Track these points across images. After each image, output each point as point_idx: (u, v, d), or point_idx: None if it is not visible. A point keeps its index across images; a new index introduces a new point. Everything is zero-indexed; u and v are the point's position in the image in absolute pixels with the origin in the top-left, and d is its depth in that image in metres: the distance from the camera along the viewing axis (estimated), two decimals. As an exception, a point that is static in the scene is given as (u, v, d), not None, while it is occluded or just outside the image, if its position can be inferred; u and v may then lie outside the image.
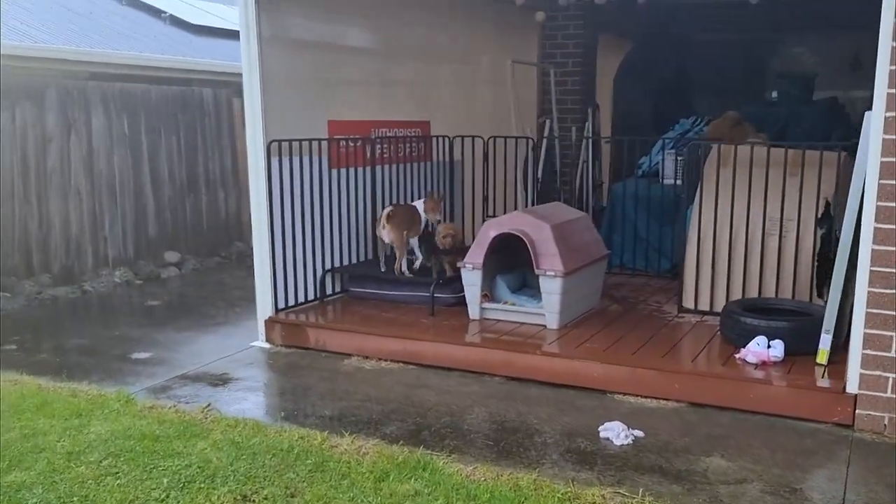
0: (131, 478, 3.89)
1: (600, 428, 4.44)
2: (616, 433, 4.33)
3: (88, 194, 8.82)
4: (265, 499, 3.66)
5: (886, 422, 4.27)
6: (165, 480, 3.84)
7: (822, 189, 5.57)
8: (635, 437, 4.33)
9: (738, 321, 5.11)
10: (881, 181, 4.18)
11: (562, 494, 3.67)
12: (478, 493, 3.69)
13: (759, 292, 5.79)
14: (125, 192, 9.20)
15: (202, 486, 3.79)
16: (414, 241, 6.63)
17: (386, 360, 5.71)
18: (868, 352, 4.27)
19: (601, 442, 4.32)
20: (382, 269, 6.70)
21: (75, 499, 3.67)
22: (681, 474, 3.90)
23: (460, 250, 6.32)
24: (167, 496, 3.70)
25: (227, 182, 10.49)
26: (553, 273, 5.60)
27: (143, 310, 7.84)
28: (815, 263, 5.61)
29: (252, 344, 6.29)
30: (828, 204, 5.59)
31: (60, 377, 5.50)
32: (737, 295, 5.82)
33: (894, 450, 4.13)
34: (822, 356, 4.69)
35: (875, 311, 4.24)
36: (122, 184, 9.16)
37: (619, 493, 3.70)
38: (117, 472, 3.95)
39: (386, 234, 6.58)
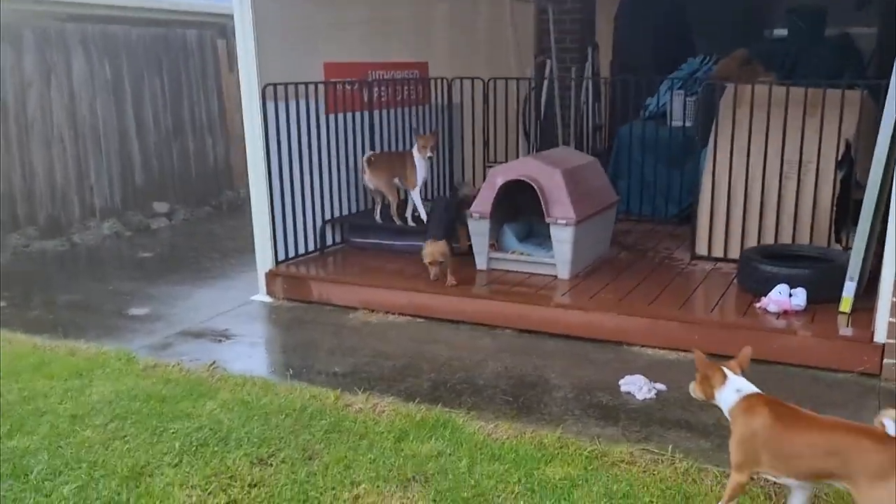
0: (140, 441, 3.73)
1: (621, 382, 4.32)
2: (638, 387, 4.21)
3: (72, 142, 8.48)
4: (283, 462, 3.52)
5: (916, 371, 4.18)
6: (177, 444, 3.69)
7: (842, 130, 5.39)
8: (658, 391, 4.22)
9: (758, 269, 4.97)
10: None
11: (588, 453, 3.55)
12: (502, 452, 3.57)
13: (775, 238, 5.65)
14: (109, 139, 8.87)
15: (216, 449, 3.64)
16: (415, 194, 6.36)
17: (393, 314, 5.55)
18: (898, 300, 4.15)
19: (623, 396, 4.20)
20: (378, 220, 6.49)
21: (83, 465, 3.51)
22: (708, 429, 3.80)
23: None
24: (180, 461, 3.55)
25: (214, 128, 10.15)
26: (564, 221, 5.42)
27: (135, 262, 7.61)
28: (834, 208, 5.46)
29: (252, 298, 6.10)
30: (848, 145, 5.41)
31: (56, 335, 5.31)
32: (752, 241, 5.68)
33: (923, 400, 4.05)
34: (846, 304, 4.57)
35: (906, 257, 4.10)
36: (105, 130, 8.82)
37: (647, 450, 3.59)
38: (125, 436, 3.80)
39: (368, 179, 6.36)
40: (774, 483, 3.27)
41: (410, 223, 6.38)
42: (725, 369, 3.02)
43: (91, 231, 8.54)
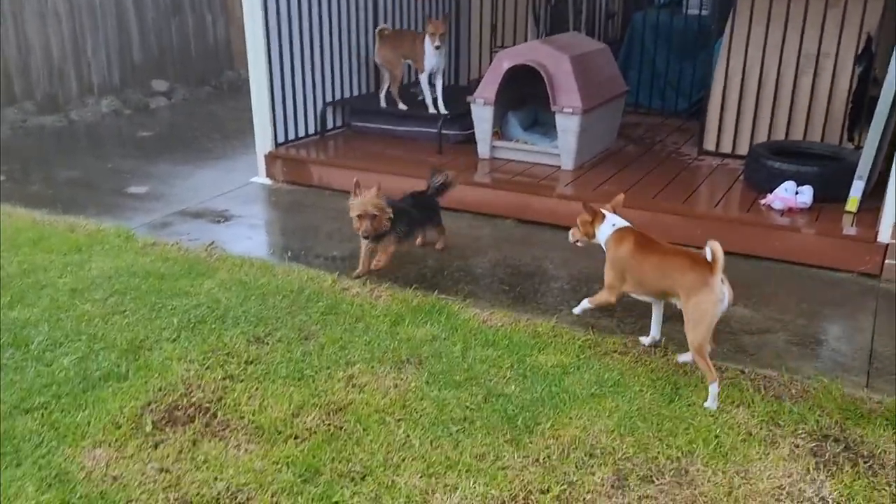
0: (139, 316, 3.77)
1: (619, 273, 4.30)
2: (636, 279, 4.20)
3: (67, 16, 8.21)
4: (279, 341, 3.55)
5: (916, 272, 4.16)
6: (175, 320, 3.72)
7: (864, 22, 5.16)
8: (656, 283, 4.21)
9: (765, 165, 4.87)
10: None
11: (582, 342, 3.58)
12: (496, 339, 3.60)
13: (787, 134, 5.52)
14: (106, 13, 8.58)
15: (213, 326, 3.67)
16: (423, 78, 6.17)
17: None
18: (906, 200, 4.09)
19: (620, 288, 4.20)
20: (382, 105, 6.34)
21: (83, 337, 3.55)
22: (703, 322, 3.80)
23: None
24: (178, 336, 3.59)
25: (213, 4, 9.80)
26: (571, 110, 5.28)
27: (135, 141, 7.51)
28: (850, 104, 5.30)
29: (252, 180, 6.04)
30: (869, 39, 5.20)
31: (55, 210, 5.29)
32: (762, 137, 5.55)
33: (921, 301, 4.05)
34: (853, 204, 4.50)
35: (919, 157, 4.01)
36: (102, 5, 8.52)
37: (640, 340, 3.61)
38: (124, 311, 3.83)
39: (377, 53, 6.18)
40: (764, 376, 3.31)
41: (431, 110, 6.14)
42: (604, 210, 3.60)
43: (89, 108, 8.39)
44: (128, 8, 8.78)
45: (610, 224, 3.56)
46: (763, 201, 4.76)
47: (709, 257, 3.17)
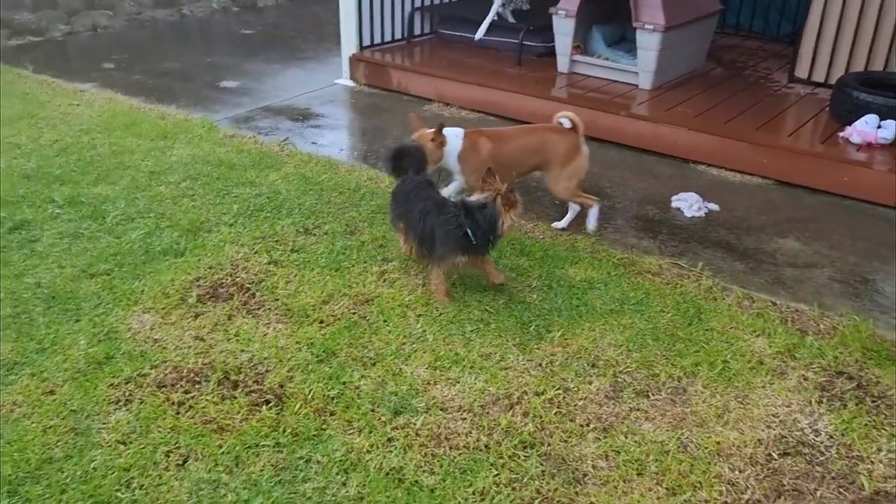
0: (205, 201, 4.05)
1: (674, 197, 4.27)
2: (689, 204, 4.15)
3: None
4: (325, 233, 3.76)
5: None
6: (235, 207, 3.99)
7: None
8: (709, 209, 4.15)
9: (850, 95, 4.61)
10: None
11: (616, 260, 3.61)
12: (532, 249, 3.68)
13: (886, 66, 5.17)
14: None
15: (268, 215, 3.92)
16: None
17: (466, 109, 5.56)
18: None
19: (671, 212, 4.17)
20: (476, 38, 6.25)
21: (152, 215, 3.88)
22: (747, 252, 3.76)
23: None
24: (235, 221, 3.85)
25: None
26: (652, 27, 5.12)
27: (237, 38, 7.80)
28: (959, 36, 4.90)
29: (336, 81, 6.21)
30: None
31: (151, 99, 5.65)
32: (859, 67, 5.22)
33: None
34: (938, 142, 4.24)
35: None
36: None
37: (676, 263, 3.61)
38: (193, 195, 4.12)
39: None
40: (796, 310, 3.27)
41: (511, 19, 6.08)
42: (437, 130, 3.57)
43: (202, 3, 8.73)
44: None
45: (453, 136, 3.63)
46: (842, 134, 4.54)
47: (568, 125, 3.65)
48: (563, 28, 5.52)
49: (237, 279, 3.37)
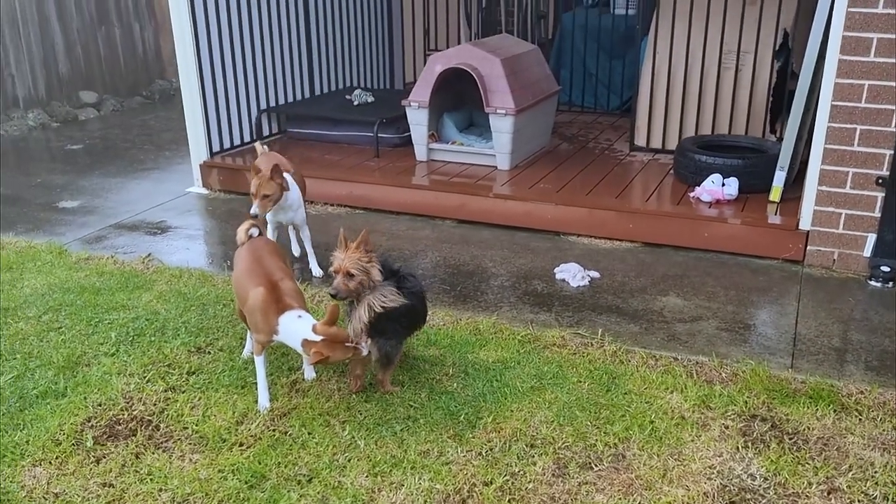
0: (76, 332, 3.71)
1: (556, 270, 4.41)
2: (572, 274, 4.31)
3: (-11, 27, 7.99)
4: (220, 350, 3.54)
5: (836, 257, 4.35)
6: (113, 334, 3.67)
7: (780, 19, 5.39)
8: (591, 278, 4.32)
9: (693, 158, 5.04)
10: (849, 9, 4.00)
11: (521, 337, 3.66)
12: (438, 337, 3.65)
13: (713, 129, 5.72)
14: (28, 25, 8.37)
15: (153, 338, 3.64)
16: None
17: (332, 205, 5.52)
18: (823, 188, 4.28)
19: (557, 284, 4.30)
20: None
21: (18, 356, 3.49)
22: (638, 314, 3.94)
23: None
24: (117, 350, 3.55)
25: (141, 13, 9.65)
26: (504, 111, 5.37)
27: (64, 155, 7.34)
28: (770, 98, 5.52)
29: (188, 190, 5.98)
30: (786, 35, 5.43)
31: (-18, 229, 5.16)
32: (690, 132, 5.73)
33: (842, 284, 4.24)
34: (776, 193, 4.69)
35: (833, 146, 4.20)
36: (24, 16, 8.31)
37: (578, 333, 3.71)
38: (60, 327, 3.76)
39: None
40: (696, 362, 3.44)
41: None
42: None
43: (15, 122, 8.18)
44: (51, 19, 8.58)
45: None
46: (692, 194, 4.93)
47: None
48: (418, 118, 5.66)
49: (134, 413, 3.08)
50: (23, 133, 8.06)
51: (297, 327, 2.93)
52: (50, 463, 2.78)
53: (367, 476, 2.71)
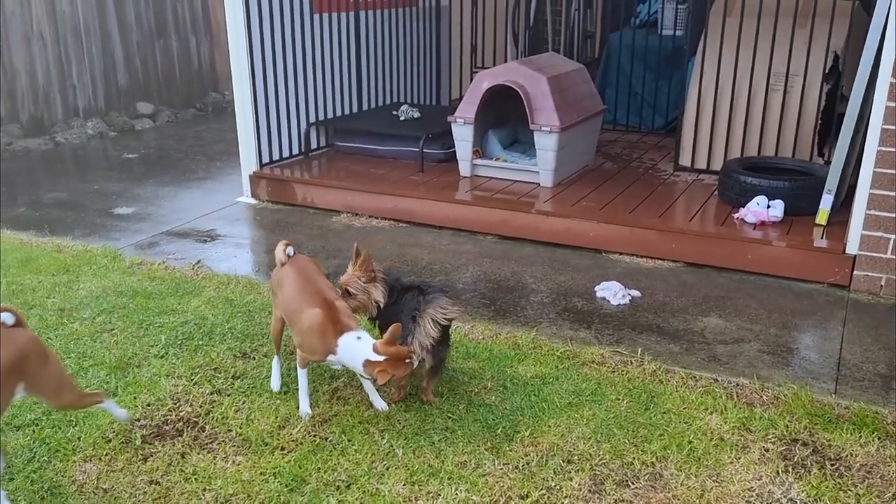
0: (127, 334, 3.83)
1: (597, 287, 4.43)
2: (613, 293, 4.32)
3: (53, 40, 8.30)
4: (265, 356, 3.63)
5: (883, 283, 4.29)
6: (163, 337, 3.79)
7: (831, 42, 5.35)
8: (632, 296, 4.33)
9: (738, 180, 5.01)
10: (902, 35, 3.97)
11: (560, 353, 3.68)
12: (477, 351, 3.69)
13: (759, 151, 5.68)
14: (91, 37, 8.67)
15: (200, 343, 3.75)
16: None
17: (376, 218, 5.61)
18: (871, 212, 4.22)
19: (598, 301, 4.31)
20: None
21: (72, 355, 3.62)
22: (678, 334, 3.93)
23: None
24: (166, 353, 3.66)
25: (198, 28, 9.92)
26: (549, 129, 5.41)
27: (121, 163, 7.58)
28: (819, 121, 5.47)
29: (238, 200, 6.13)
30: (836, 58, 5.38)
31: (43, 232, 5.35)
32: (735, 153, 5.70)
33: (890, 310, 4.17)
34: (823, 216, 4.64)
35: (883, 170, 4.15)
36: (87, 29, 8.62)
37: (617, 351, 3.72)
38: (112, 329, 3.89)
39: None
40: (737, 384, 3.42)
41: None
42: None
43: (75, 131, 8.46)
44: (112, 32, 8.88)
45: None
46: (736, 215, 4.90)
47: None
48: (463, 134, 5.73)
49: (181, 414, 3.18)
50: (82, 141, 8.34)
51: (357, 348, 2.93)
52: (100, 459, 2.88)
53: (404, 484, 2.76)
